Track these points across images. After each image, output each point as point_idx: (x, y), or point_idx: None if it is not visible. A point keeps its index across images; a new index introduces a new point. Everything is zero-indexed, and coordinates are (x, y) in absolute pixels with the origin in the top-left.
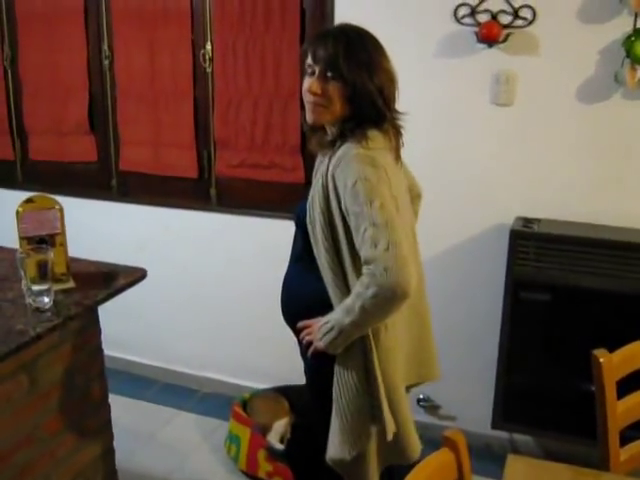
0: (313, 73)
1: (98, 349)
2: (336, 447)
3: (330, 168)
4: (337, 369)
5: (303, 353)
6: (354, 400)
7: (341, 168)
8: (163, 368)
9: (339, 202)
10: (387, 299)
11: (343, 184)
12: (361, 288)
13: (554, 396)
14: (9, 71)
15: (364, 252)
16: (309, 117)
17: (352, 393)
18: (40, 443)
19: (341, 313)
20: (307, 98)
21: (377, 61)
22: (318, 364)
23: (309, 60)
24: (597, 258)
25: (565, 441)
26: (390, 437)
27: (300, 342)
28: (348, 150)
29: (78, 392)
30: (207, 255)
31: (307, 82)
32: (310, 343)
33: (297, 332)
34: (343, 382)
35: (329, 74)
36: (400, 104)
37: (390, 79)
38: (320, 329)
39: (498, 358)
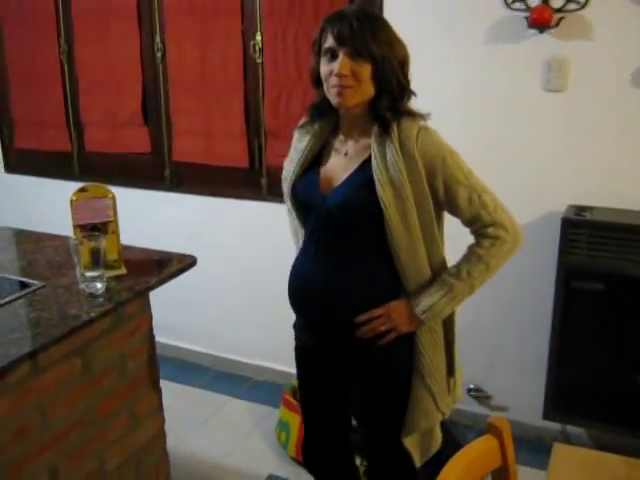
0: (335, 55)
1: (149, 334)
2: (431, 416)
3: (409, 146)
4: (422, 339)
5: (365, 346)
6: (440, 361)
7: (425, 146)
8: (215, 356)
9: (428, 176)
10: (512, 252)
11: (437, 159)
12: (482, 250)
13: (607, 387)
14: (65, 65)
15: (484, 216)
16: (336, 100)
17: (438, 355)
18: (93, 425)
19: (456, 281)
20: (333, 82)
21: (395, 36)
22: (393, 348)
23: (330, 42)
24: None
25: (617, 433)
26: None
27: (352, 338)
28: (415, 126)
29: (130, 376)
30: (258, 243)
31: (329, 65)
32: (384, 332)
33: (350, 328)
34: (430, 349)
35: (357, 54)
36: (452, 91)
37: (407, 53)
38: (420, 308)
39: (550, 348)
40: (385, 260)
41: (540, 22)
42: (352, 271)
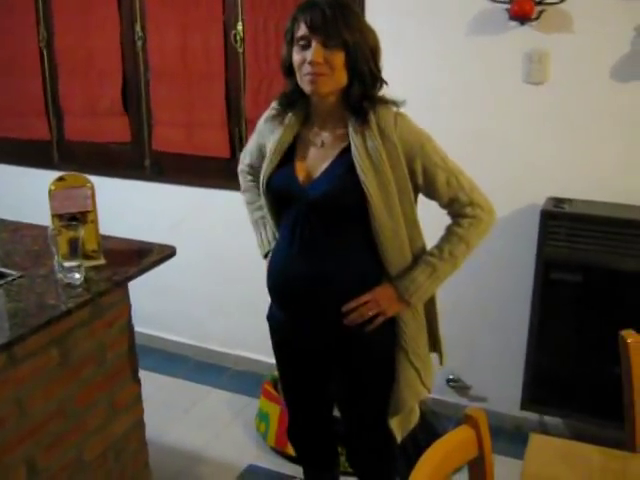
0: (307, 45)
1: (128, 325)
2: (417, 391)
3: (388, 133)
4: (404, 318)
5: (351, 332)
6: (422, 338)
7: (403, 131)
8: (196, 346)
9: (408, 161)
10: (489, 230)
11: (416, 144)
12: (462, 230)
13: (584, 378)
14: (45, 53)
15: (462, 196)
16: (310, 88)
17: (421, 332)
18: (71, 415)
19: (439, 262)
20: (306, 70)
21: (366, 24)
22: (378, 331)
23: (303, 31)
24: (630, 239)
25: (594, 423)
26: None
27: (339, 325)
28: (391, 113)
29: (108, 367)
30: (240, 234)
31: (302, 54)
32: (371, 318)
33: (337, 317)
34: (413, 327)
35: (330, 42)
36: (433, 83)
37: (377, 39)
38: (406, 290)
39: (528, 339)
40: (368, 247)
41: (521, 14)
42: (337, 261)
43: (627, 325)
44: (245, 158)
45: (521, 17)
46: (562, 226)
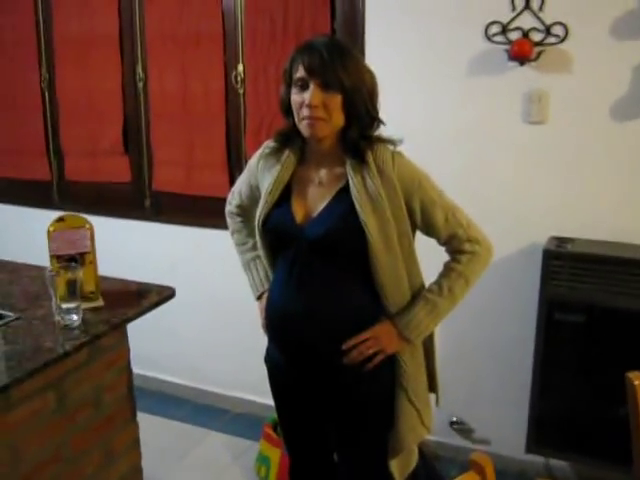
0: (305, 86)
1: (126, 367)
2: (418, 431)
3: (386, 172)
4: (404, 357)
5: (350, 371)
6: (421, 376)
7: (401, 170)
8: (195, 388)
9: (406, 199)
10: (487, 265)
11: (414, 182)
12: (461, 266)
13: (590, 420)
14: (46, 93)
15: (460, 233)
16: (308, 132)
17: (420, 371)
18: (67, 461)
19: (439, 298)
20: (304, 113)
21: (364, 67)
22: (377, 370)
23: (301, 73)
24: (633, 278)
25: (600, 467)
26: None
27: (338, 364)
28: (388, 152)
29: (106, 410)
30: (239, 274)
31: (300, 95)
32: (371, 356)
33: (337, 356)
34: (413, 366)
35: (328, 85)
36: (433, 123)
37: (375, 81)
38: (406, 327)
39: (532, 380)
40: (366, 284)
41: (520, 55)
42: (335, 299)
43: (632, 365)
44: (234, 199)
45: (520, 57)
46: (565, 265)
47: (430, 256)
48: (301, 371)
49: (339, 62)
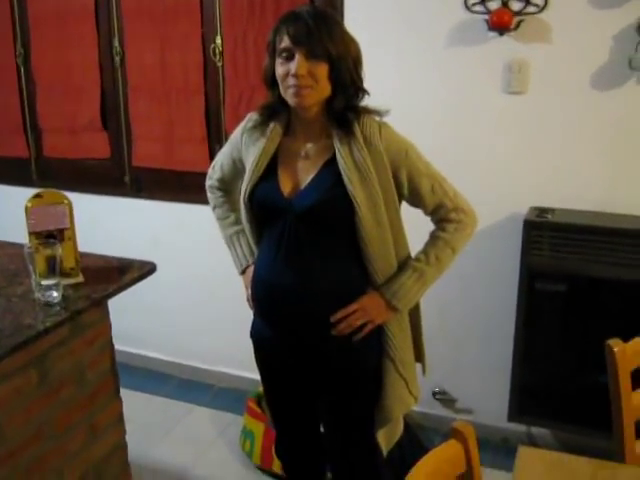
0: (291, 56)
1: (108, 343)
2: (405, 401)
3: (373, 142)
4: (391, 328)
5: (339, 342)
6: (409, 347)
7: (388, 140)
8: (179, 363)
9: (393, 170)
10: (472, 234)
11: (401, 152)
12: (448, 235)
13: (571, 388)
14: (22, 69)
15: (447, 202)
16: (294, 101)
17: (407, 341)
18: (51, 438)
19: (426, 267)
20: (290, 82)
21: (349, 35)
22: (365, 341)
23: (286, 43)
24: (613, 247)
25: (583, 434)
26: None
27: (327, 337)
28: (375, 123)
29: (89, 387)
30: (221, 249)
31: (285, 66)
32: (359, 327)
33: (326, 328)
34: (400, 336)
35: (314, 54)
36: (413, 93)
37: (359, 50)
38: (394, 296)
39: (513, 350)
40: (354, 256)
41: (500, 25)
42: (323, 271)
43: (612, 333)
44: (215, 173)
45: (500, 27)
46: (545, 236)
47: (416, 227)
48: (289, 344)
49: (325, 31)
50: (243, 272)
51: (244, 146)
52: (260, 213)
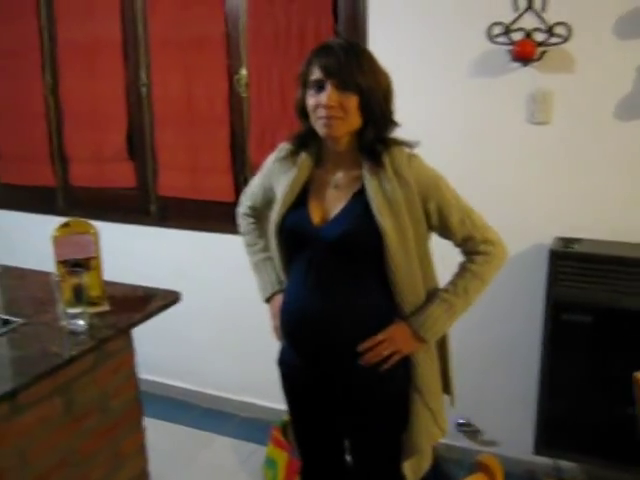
0: (321, 87)
1: (133, 372)
2: (432, 433)
3: (403, 174)
4: (418, 359)
5: (366, 373)
6: (436, 378)
7: (418, 172)
8: (202, 392)
9: (422, 201)
10: (501, 265)
11: (430, 184)
12: (476, 266)
13: (598, 421)
14: (50, 99)
15: (476, 234)
16: (324, 131)
17: (434, 372)
18: (74, 466)
19: (454, 298)
20: (320, 113)
21: (380, 68)
22: (393, 371)
23: (317, 74)
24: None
25: (610, 467)
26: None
27: (354, 367)
28: (404, 155)
29: (113, 416)
30: (245, 278)
31: (316, 97)
32: (387, 357)
33: (353, 358)
34: (428, 367)
35: (344, 86)
36: (437, 124)
37: (390, 82)
38: (421, 326)
39: (539, 381)
40: (382, 286)
41: (523, 55)
42: (352, 300)
43: (638, 364)
44: (247, 200)
45: (523, 58)
46: (571, 266)
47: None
48: (317, 373)
49: (355, 63)
50: (268, 300)
51: (275, 175)
52: (289, 241)
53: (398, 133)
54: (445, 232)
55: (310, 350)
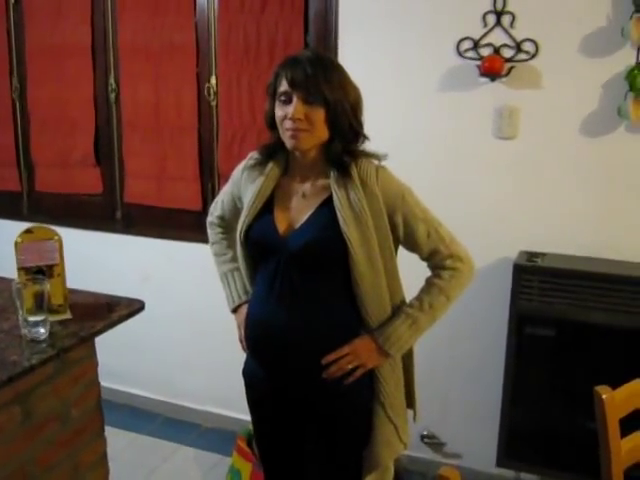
0: (289, 100)
1: (94, 381)
2: (395, 447)
3: (370, 185)
4: (383, 372)
5: (329, 386)
6: (400, 392)
7: (385, 184)
8: (165, 402)
9: (389, 213)
10: (469, 282)
11: (397, 196)
12: (443, 282)
13: (560, 433)
14: (17, 104)
15: (442, 249)
16: (291, 144)
17: (398, 386)
18: (33, 476)
19: (419, 313)
20: (287, 125)
21: (348, 80)
22: (356, 385)
23: (284, 87)
24: (603, 293)
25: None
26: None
27: (318, 380)
28: (372, 167)
29: (73, 425)
30: (211, 287)
31: (284, 109)
32: (351, 371)
33: (316, 370)
34: (392, 381)
35: (311, 98)
36: (404, 137)
37: (359, 95)
38: (386, 341)
39: (503, 394)
40: (347, 298)
41: (491, 71)
42: (316, 312)
43: (601, 379)
44: (216, 210)
45: (491, 74)
46: (535, 280)
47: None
48: (280, 385)
49: (322, 76)
50: (235, 310)
51: (243, 184)
52: (255, 251)
53: (366, 146)
54: (411, 245)
55: (274, 363)
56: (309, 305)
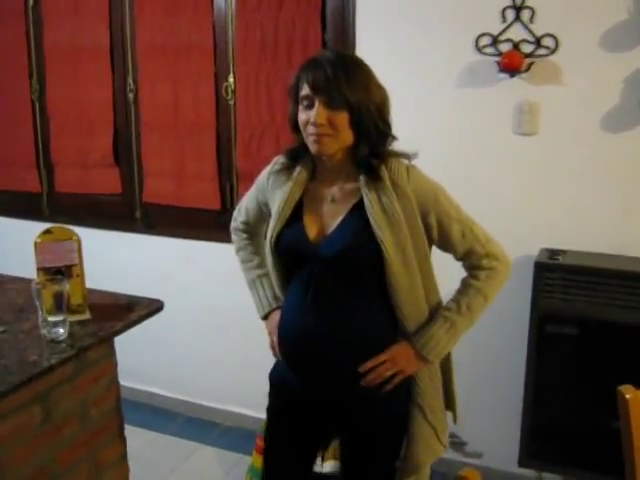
0: (311, 104)
1: (114, 381)
2: (434, 449)
3: (401, 186)
4: (421, 376)
5: (369, 394)
6: (438, 395)
7: (417, 184)
8: (185, 401)
9: (422, 214)
10: (505, 280)
11: (430, 196)
12: (479, 282)
13: (583, 433)
14: (37, 105)
15: (478, 248)
16: (315, 149)
17: (437, 389)
18: (53, 476)
19: (457, 316)
20: (310, 130)
21: (372, 80)
22: (394, 390)
23: (306, 90)
24: (625, 290)
25: (593, 479)
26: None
27: (355, 387)
28: (402, 167)
29: (92, 425)
30: (229, 286)
31: (306, 113)
32: (389, 378)
33: (354, 378)
34: (430, 385)
35: (333, 102)
36: (423, 135)
37: (385, 95)
38: (424, 347)
39: (524, 393)
40: (383, 303)
41: (511, 67)
42: (354, 320)
43: (625, 378)
44: (240, 215)
45: (511, 69)
46: (557, 278)
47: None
48: (315, 392)
49: (344, 78)
50: (265, 317)
51: (270, 189)
52: (286, 259)
53: (395, 145)
54: (446, 245)
55: (310, 371)
56: (344, 312)
